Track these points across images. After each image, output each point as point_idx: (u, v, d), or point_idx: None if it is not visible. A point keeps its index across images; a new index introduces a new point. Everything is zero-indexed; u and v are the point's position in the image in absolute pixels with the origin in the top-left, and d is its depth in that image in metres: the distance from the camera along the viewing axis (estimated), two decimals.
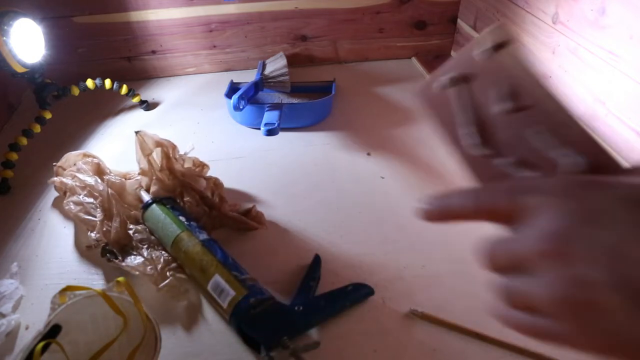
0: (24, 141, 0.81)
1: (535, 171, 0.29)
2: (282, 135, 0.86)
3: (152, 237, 0.66)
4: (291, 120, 0.91)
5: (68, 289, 0.50)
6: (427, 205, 0.28)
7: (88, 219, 0.67)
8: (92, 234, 0.65)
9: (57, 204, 0.75)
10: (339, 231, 0.70)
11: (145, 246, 0.64)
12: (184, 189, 0.71)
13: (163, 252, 0.63)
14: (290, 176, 0.81)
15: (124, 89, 0.98)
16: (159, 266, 0.61)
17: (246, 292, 0.54)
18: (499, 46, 0.29)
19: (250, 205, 0.71)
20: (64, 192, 0.73)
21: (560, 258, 0.21)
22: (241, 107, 0.87)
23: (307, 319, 0.56)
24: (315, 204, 0.75)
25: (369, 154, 0.86)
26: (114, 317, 0.50)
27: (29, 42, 0.80)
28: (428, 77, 0.33)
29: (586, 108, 0.72)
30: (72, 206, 0.68)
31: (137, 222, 0.68)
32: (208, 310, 0.59)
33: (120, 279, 0.51)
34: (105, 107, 1.01)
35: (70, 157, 0.76)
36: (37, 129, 0.84)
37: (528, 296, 0.23)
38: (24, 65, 0.79)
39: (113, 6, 1.02)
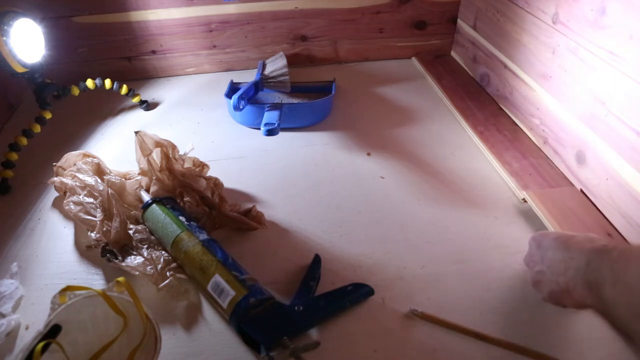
0: (24, 141, 0.81)
1: None
2: (282, 135, 0.86)
3: (152, 237, 0.66)
4: (291, 120, 0.91)
5: (68, 289, 0.50)
6: None
7: (88, 219, 0.67)
8: (92, 234, 0.65)
9: (57, 204, 0.75)
10: (339, 231, 0.70)
11: (145, 246, 0.64)
12: (184, 189, 0.71)
13: (163, 252, 0.63)
14: (290, 176, 0.81)
15: (124, 89, 0.98)
16: (159, 266, 0.61)
17: (246, 292, 0.54)
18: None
19: (250, 205, 0.71)
20: (64, 192, 0.73)
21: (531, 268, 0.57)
22: (241, 107, 0.87)
23: (307, 319, 0.56)
24: (316, 204, 0.75)
25: (369, 154, 0.86)
26: (114, 317, 0.50)
27: (29, 42, 0.80)
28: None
29: (586, 108, 0.72)
30: (72, 206, 0.68)
31: (137, 222, 0.68)
32: (208, 310, 0.59)
33: (120, 279, 0.51)
34: (105, 107, 1.01)
35: (70, 157, 0.76)
36: (37, 129, 0.84)
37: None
38: (24, 65, 0.79)
39: (113, 6, 1.02)
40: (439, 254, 0.66)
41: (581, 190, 0.74)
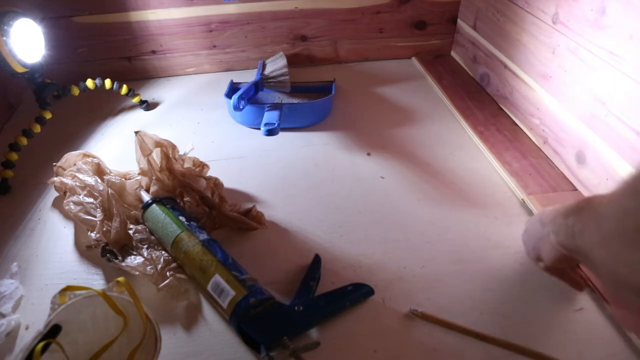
0: (24, 141, 0.81)
1: None
2: (282, 135, 0.86)
3: (152, 237, 0.66)
4: (291, 120, 0.91)
5: (68, 289, 0.50)
6: None
7: (88, 219, 0.67)
8: (92, 234, 0.65)
9: (57, 204, 0.75)
10: (339, 231, 0.70)
11: (145, 246, 0.64)
12: (184, 189, 0.71)
13: (163, 252, 0.63)
14: (290, 176, 0.81)
15: (124, 89, 0.98)
16: (159, 266, 0.61)
17: (246, 292, 0.54)
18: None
19: (250, 205, 0.71)
20: (64, 192, 0.73)
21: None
22: (241, 107, 0.87)
23: (307, 319, 0.56)
24: (316, 204, 0.75)
25: (369, 154, 0.86)
26: (114, 317, 0.50)
27: (29, 42, 0.80)
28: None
29: (586, 108, 0.72)
30: (72, 206, 0.68)
31: (137, 222, 0.68)
32: (208, 310, 0.59)
33: (120, 279, 0.51)
34: (105, 107, 1.01)
35: (70, 157, 0.76)
36: (37, 129, 0.84)
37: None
38: (24, 65, 0.79)
39: (113, 6, 1.02)
40: (439, 254, 0.66)
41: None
